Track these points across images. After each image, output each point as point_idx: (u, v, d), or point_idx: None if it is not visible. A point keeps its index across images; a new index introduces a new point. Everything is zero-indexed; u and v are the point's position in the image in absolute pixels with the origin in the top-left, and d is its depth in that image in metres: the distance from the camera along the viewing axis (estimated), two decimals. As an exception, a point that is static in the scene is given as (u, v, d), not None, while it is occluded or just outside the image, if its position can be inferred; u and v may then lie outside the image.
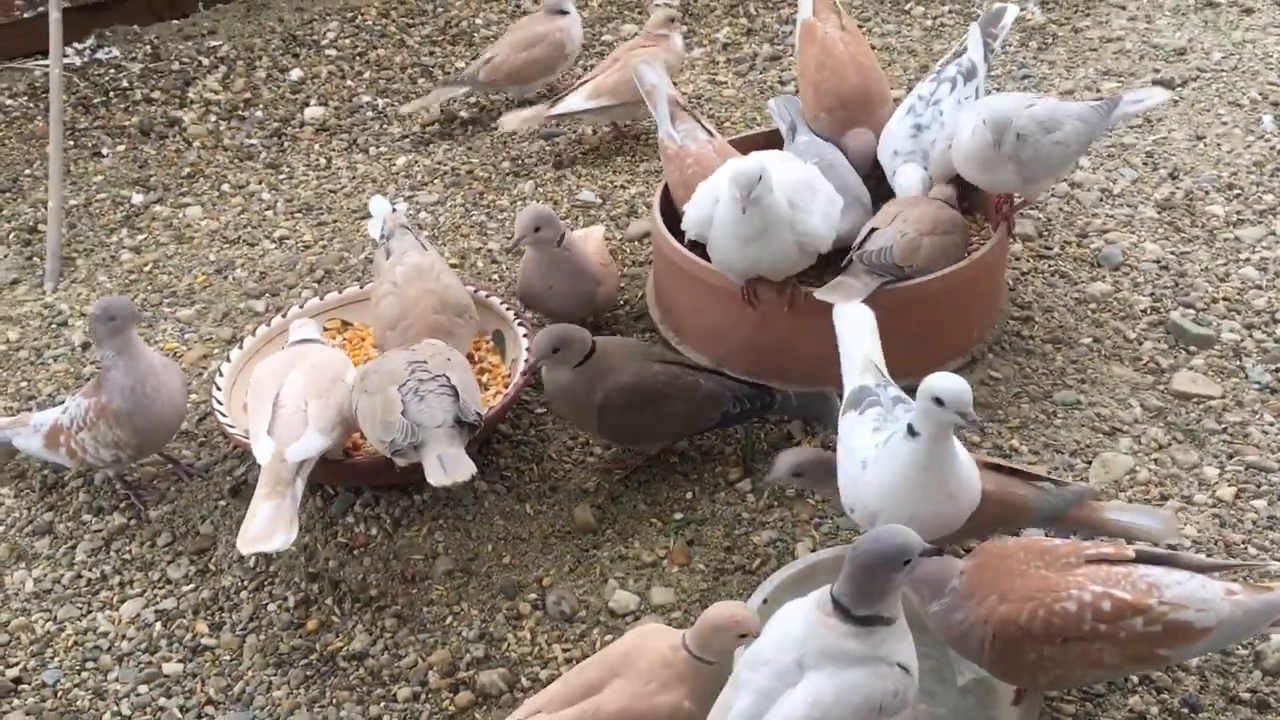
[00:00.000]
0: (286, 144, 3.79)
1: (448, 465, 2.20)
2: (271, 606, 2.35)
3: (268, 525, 2.21)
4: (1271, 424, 2.53)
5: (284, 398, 2.36)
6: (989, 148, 2.52)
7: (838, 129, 2.95)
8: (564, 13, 3.76)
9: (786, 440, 2.61)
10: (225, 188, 3.61)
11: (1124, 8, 4.10)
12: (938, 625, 1.89)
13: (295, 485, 2.26)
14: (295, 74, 4.07)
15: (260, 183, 3.62)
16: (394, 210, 2.83)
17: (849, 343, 2.29)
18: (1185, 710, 2.04)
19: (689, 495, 2.50)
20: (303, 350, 2.54)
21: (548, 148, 3.67)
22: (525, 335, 2.67)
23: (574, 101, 3.49)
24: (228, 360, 2.67)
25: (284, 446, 2.29)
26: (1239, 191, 3.22)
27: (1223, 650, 2.09)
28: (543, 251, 2.73)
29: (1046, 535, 2.15)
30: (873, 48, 3.92)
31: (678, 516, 2.47)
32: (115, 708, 2.19)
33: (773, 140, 3.06)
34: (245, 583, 2.40)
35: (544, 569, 2.38)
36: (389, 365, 2.36)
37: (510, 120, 3.55)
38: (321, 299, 2.85)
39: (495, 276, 3.12)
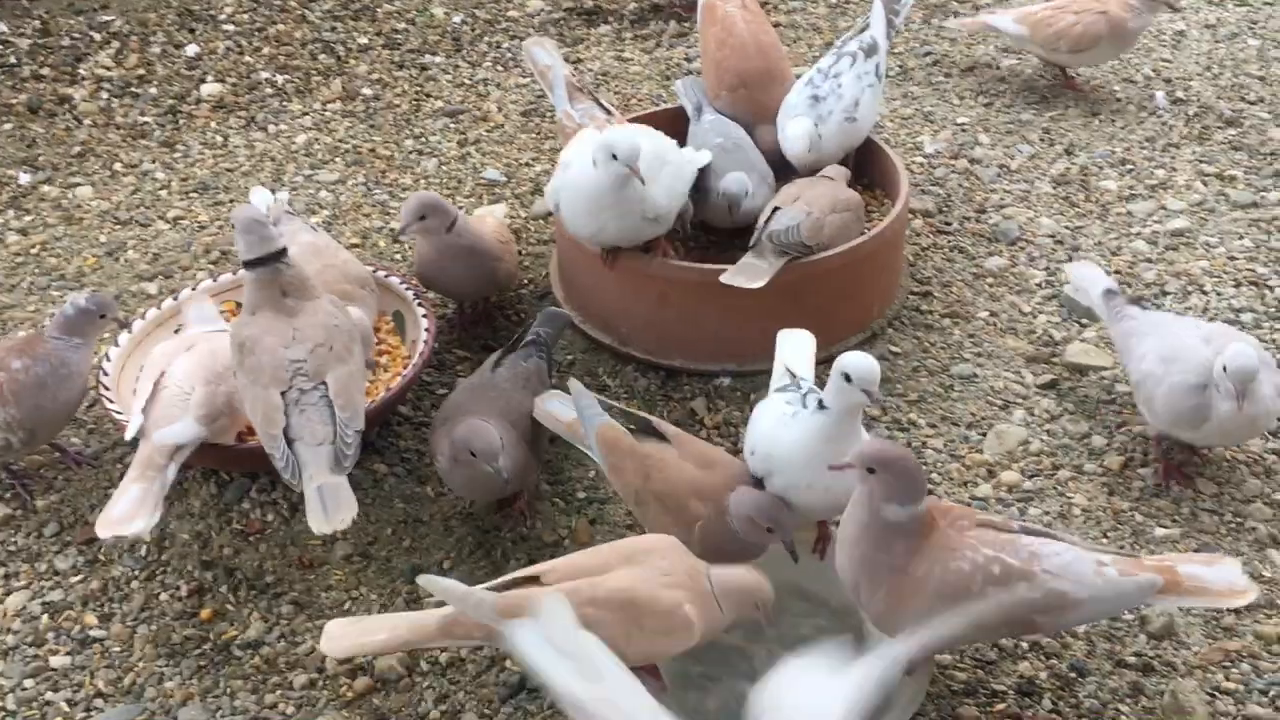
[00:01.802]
0: (182, 122, 3.69)
1: (328, 502, 2.10)
2: (164, 596, 2.30)
3: (130, 509, 2.15)
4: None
5: (168, 379, 2.31)
6: (1228, 399, 2.19)
7: (740, 107, 2.95)
8: None
9: (690, 418, 2.62)
10: (117, 167, 3.50)
11: (1024, -14, 4.16)
12: (874, 539, 1.86)
13: (167, 471, 2.21)
14: (191, 50, 3.96)
15: (154, 161, 3.52)
16: (275, 199, 2.77)
17: (785, 355, 2.35)
18: (1073, 674, 2.09)
19: (592, 474, 2.50)
20: (204, 335, 2.48)
21: (451, 125, 3.62)
22: (425, 316, 2.64)
23: None
24: (116, 344, 2.60)
25: (155, 429, 2.23)
26: (1131, 167, 3.29)
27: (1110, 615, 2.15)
28: (434, 237, 2.69)
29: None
30: (777, 25, 3.95)
31: (580, 495, 2.46)
32: (0, 704, 2.13)
33: (678, 118, 3.05)
34: (136, 572, 2.34)
35: (445, 551, 2.36)
36: (270, 355, 2.21)
37: None
38: (215, 280, 2.79)
39: (397, 256, 3.08)
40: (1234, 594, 1.89)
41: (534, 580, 1.93)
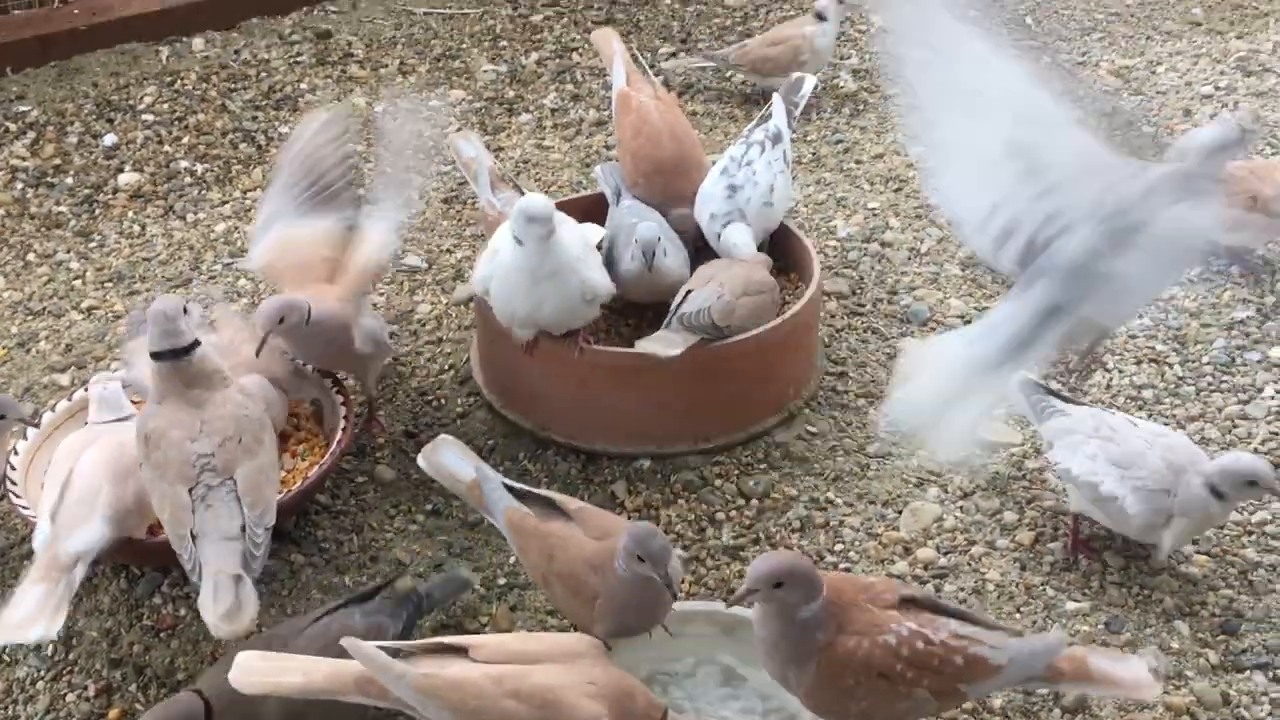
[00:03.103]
0: (98, 211, 3.66)
1: (220, 595, 2.04)
2: (70, 697, 2.24)
3: (31, 613, 2.07)
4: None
5: (76, 477, 2.26)
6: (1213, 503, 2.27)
7: (656, 194, 3.02)
8: (823, 19, 4.06)
9: (610, 501, 2.63)
10: (31, 257, 3.46)
11: (930, 76, 4.32)
12: (795, 637, 1.88)
13: (73, 572, 2.14)
14: (109, 139, 3.95)
15: (69, 251, 3.49)
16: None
17: None
18: (992, 751, 2.11)
19: (513, 560, 2.49)
20: (111, 427, 2.44)
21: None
22: (343, 403, 2.63)
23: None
24: (24, 437, 2.55)
25: (64, 534, 2.17)
26: (1035, 249, 3.40)
27: (1026, 692, 2.18)
28: (296, 332, 2.54)
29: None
30: (694, 114, 4.05)
31: (501, 582, 2.45)
32: (-106, 816, 2.05)
33: (598, 204, 3.11)
34: (42, 673, 2.27)
35: (363, 642, 2.33)
36: (176, 450, 2.17)
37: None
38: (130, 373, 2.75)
39: (316, 344, 3.07)
40: (1140, 687, 1.97)
41: (461, 651, 1.90)
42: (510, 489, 2.24)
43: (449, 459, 2.32)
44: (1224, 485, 2.27)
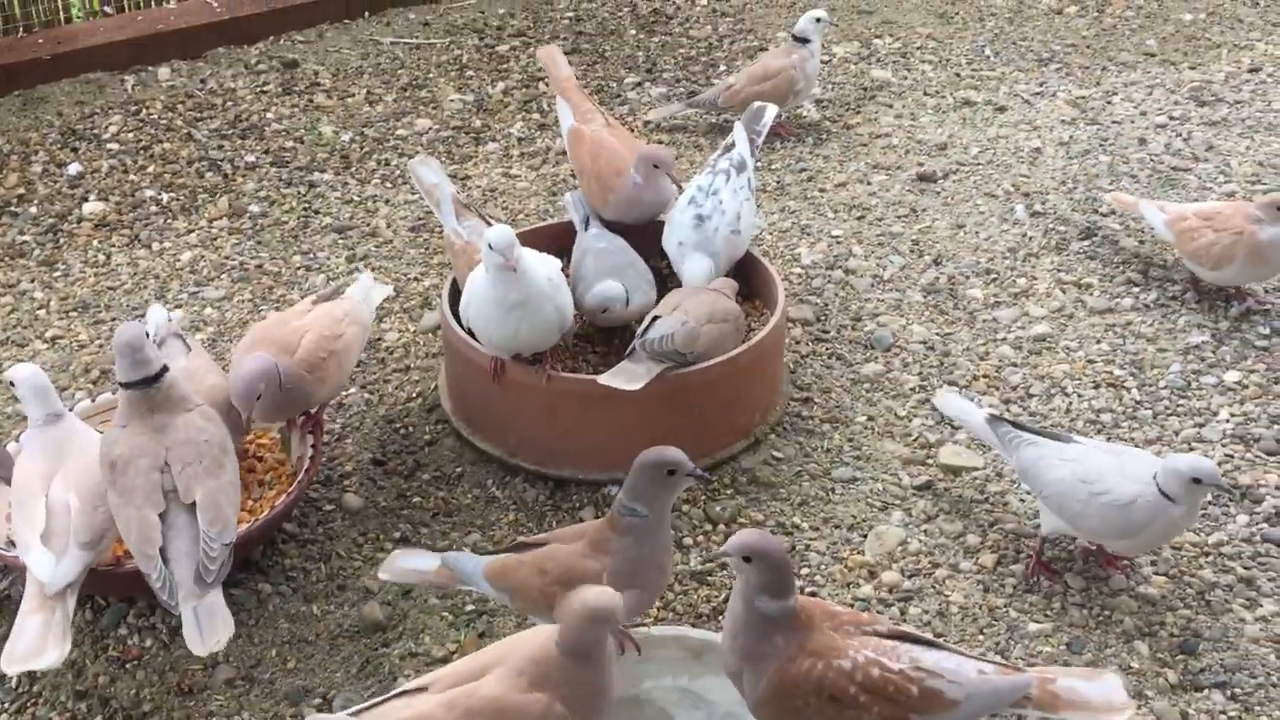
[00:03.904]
0: (63, 240, 3.65)
1: (203, 624, 2.09)
2: (34, 729, 2.22)
3: (36, 641, 2.10)
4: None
5: (53, 504, 2.26)
6: (1181, 505, 2.30)
7: (626, 210, 3.06)
8: (805, 41, 4.08)
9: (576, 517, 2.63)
10: (-6, 287, 3.45)
11: (891, 106, 4.39)
12: (754, 632, 1.89)
13: (66, 598, 2.15)
14: (74, 169, 3.95)
15: (33, 281, 3.47)
16: (169, 320, 2.75)
17: None
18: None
19: (481, 587, 2.49)
20: (66, 445, 2.39)
21: (340, 240, 3.65)
22: (310, 432, 2.63)
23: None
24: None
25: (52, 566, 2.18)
26: (995, 276, 3.46)
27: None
28: (270, 397, 2.51)
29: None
30: (659, 144, 4.09)
31: (469, 609, 2.46)
32: None
33: (565, 232, 3.14)
34: (6, 705, 2.25)
35: (331, 671, 2.32)
36: (144, 477, 2.20)
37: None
38: (94, 400, 2.75)
39: (283, 372, 3.07)
40: (1112, 710, 1.93)
41: (422, 690, 1.91)
42: (477, 552, 2.25)
43: (408, 561, 2.29)
44: (1169, 486, 2.31)
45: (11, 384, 2.46)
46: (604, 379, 2.58)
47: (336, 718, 1.90)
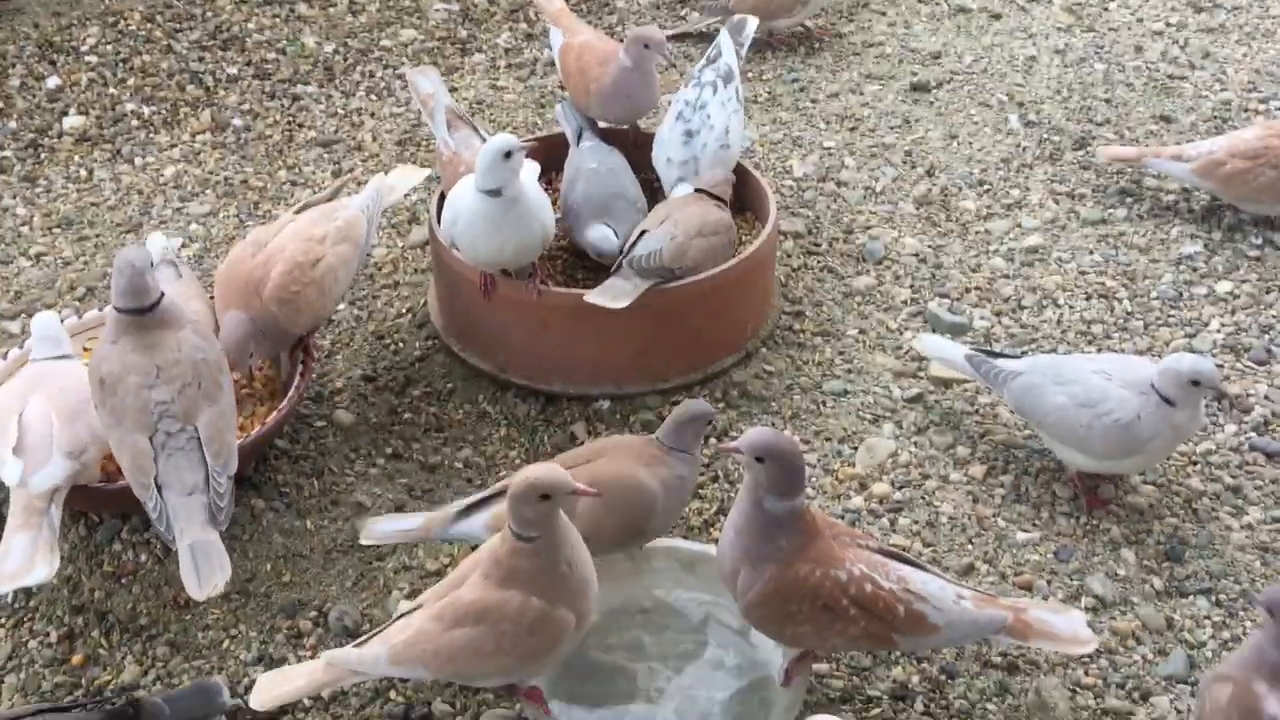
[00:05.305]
0: (44, 155, 3.59)
1: (200, 567, 2.05)
2: (33, 644, 2.24)
3: (25, 558, 2.10)
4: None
5: (29, 420, 2.25)
6: (1187, 408, 2.30)
7: (616, 109, 3.03)
8: None
9: (570, 441, 2.64)
10: (-25, 203, 3.40)
11: (884, 14, 4.31)
12: (758, 530, 1.90)
13: (50, 513, 2.15)
14: (53, 82, 3.87)
15: (14, 197, 3.42)
16: (165, 247, 2.71)
17: None
18: (944, 677, 2.17)
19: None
20: (49, 369, 2.40)
21: (325, 155, 3.60)
22: (300, 349, 2.62)
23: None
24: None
25: (30, 473, 2.17)
26: (988, 187, 3.43)
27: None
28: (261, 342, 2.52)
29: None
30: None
31: (462, 523, 2.47)
32: None
33: (556, 144, 3.10)
34: (3, 620, 2.27)
35: (326, 585, 2.34)
36: (134, 397, 2.15)
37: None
38: (80, 317, 2.72)
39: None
40: (1078, 642, 2.00)
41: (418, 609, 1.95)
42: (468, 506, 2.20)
43: (387, 524, 2.23)
44: (1168, 389, 2.30)
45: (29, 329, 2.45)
46: (591, 296, 2.56)
47: (344, 652, 1.93)
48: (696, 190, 2.82)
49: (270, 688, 1.95)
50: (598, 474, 2.07)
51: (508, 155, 2.47)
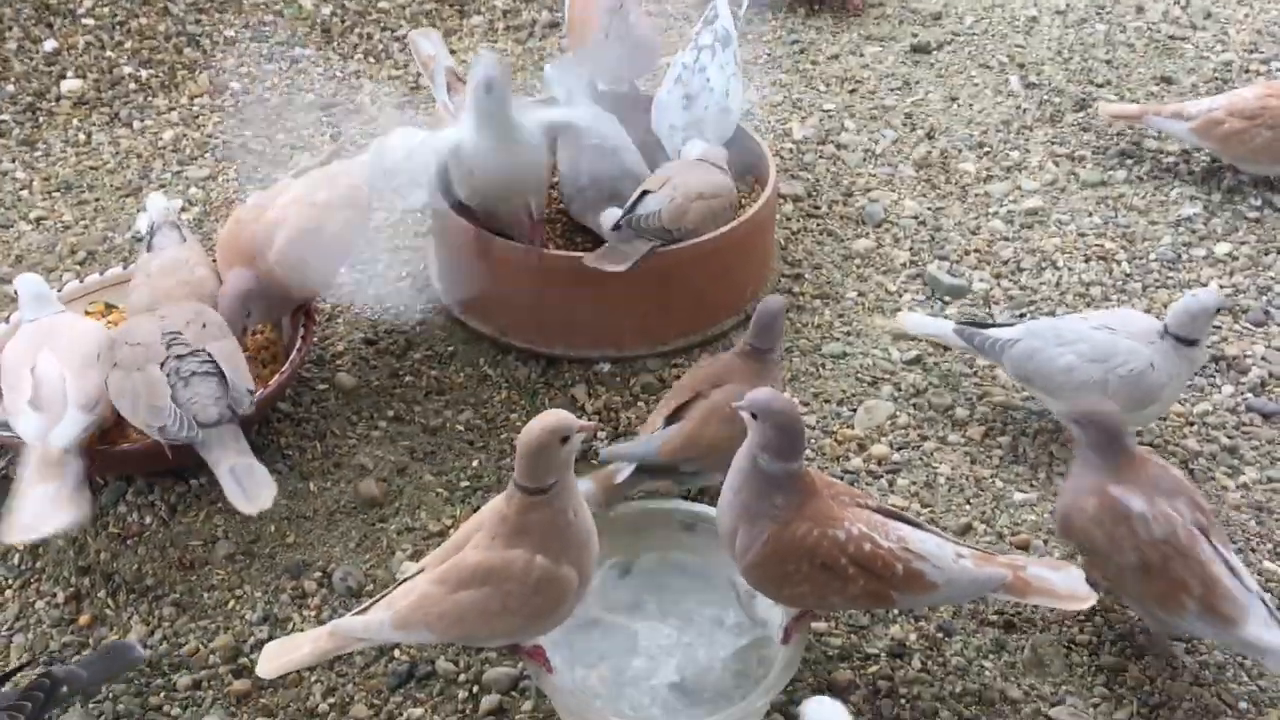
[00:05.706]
0: (42, 119, 3.58)
1: (245, 483, 2.13)
2: (40, 604, 2.26)
3: (44, 508, 2.11)
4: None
5: (41, 374, 2.26)
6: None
7: (616, 48, 3.01)
8: None
9: (571, 404, 2.66)
10: (-26, 167, 3.39)
11: (885, -26, 4.28)
12: (756, 488, 1.91)
13: (69, 464, 2.17)
14: (49, 45, 3.85)
15: (13, 161, 3.42)
16: (165, 207, 2.72)
17: None
18: (941, 635, 2.19)
19: (475, 463, 2.53)
20: (51, 324, 2.41)
21: (324, 118, 3.59)
22: (302, 312, 2.63)
23: None
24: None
25: (49, 428, 2.20)
26: (988, 149, 3.43)
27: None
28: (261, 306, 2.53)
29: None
30: (649, 14, 3.99)
31: (464, 484, 2.49)
32: None
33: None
34: (10, 581, 2.30)
35: (330, 546, 2.37)
36: (140, 335, 2.28)
37: None
38: (82, 281, 2.73)
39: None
40: (1076, 599, 2.00)
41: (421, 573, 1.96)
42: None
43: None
44: (1189, 329, 2.31)
45: (15, 291, 2.47)
46: (591, 260, 2.57)
47: (348, 620, 1.95)
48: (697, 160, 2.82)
49: (276, 656, 1.97)
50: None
51: (489, 90, 2.46)
